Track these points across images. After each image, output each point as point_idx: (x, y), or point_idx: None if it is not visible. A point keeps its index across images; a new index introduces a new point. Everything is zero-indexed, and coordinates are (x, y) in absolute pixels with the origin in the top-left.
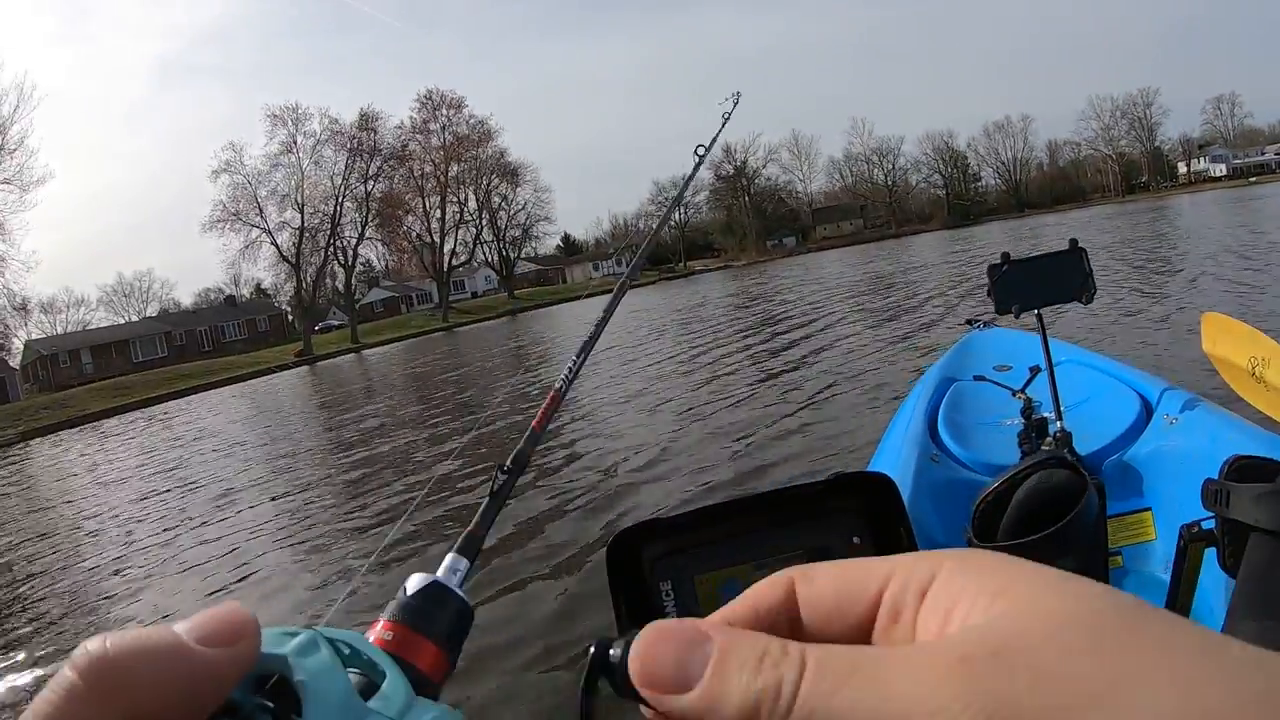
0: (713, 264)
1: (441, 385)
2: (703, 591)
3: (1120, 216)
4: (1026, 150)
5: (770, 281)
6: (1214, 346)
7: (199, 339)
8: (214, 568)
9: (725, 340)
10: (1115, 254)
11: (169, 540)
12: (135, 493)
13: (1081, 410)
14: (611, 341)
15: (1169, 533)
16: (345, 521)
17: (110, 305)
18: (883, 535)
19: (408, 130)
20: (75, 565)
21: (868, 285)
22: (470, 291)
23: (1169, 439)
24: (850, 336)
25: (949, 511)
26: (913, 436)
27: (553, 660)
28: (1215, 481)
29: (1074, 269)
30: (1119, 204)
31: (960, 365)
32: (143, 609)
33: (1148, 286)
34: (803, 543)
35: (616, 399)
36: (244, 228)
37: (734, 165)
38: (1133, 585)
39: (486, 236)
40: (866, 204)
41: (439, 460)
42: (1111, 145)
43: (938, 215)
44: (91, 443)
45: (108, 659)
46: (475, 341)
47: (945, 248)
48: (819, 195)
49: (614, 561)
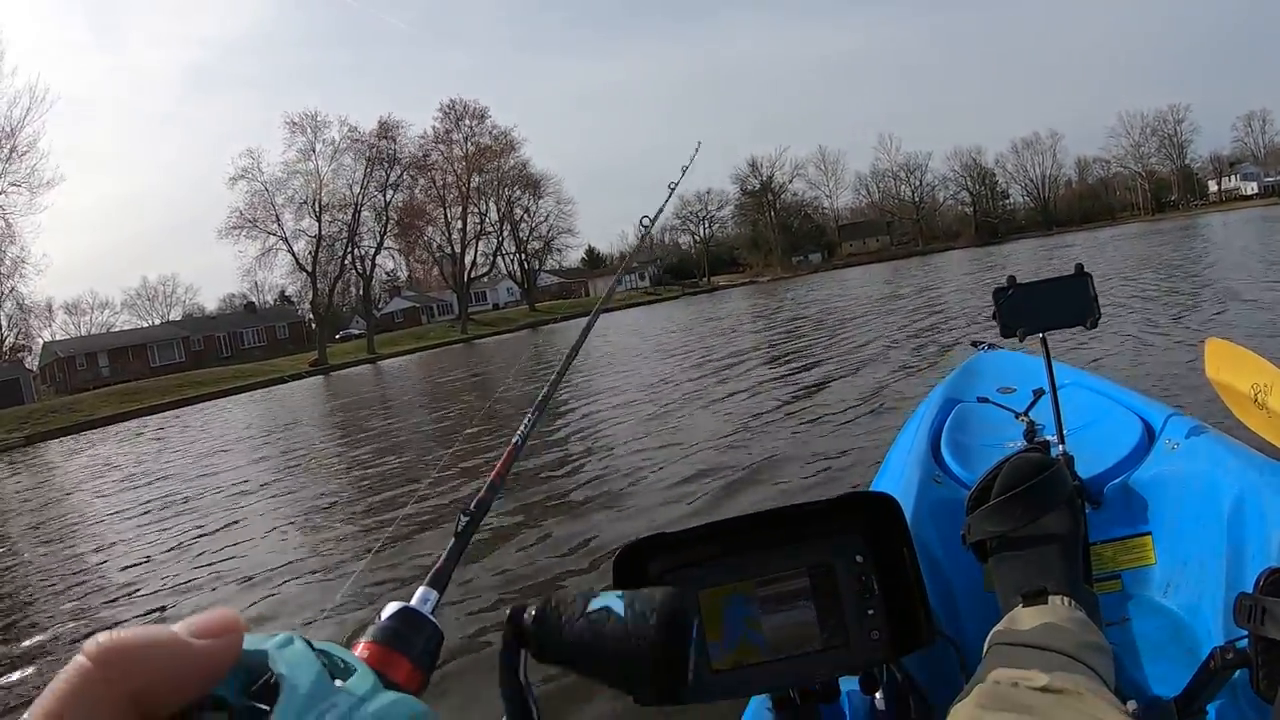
0: (737, 279)
1: (444, 400)
2: (707, 607)
3: (1151, 235)
4: (1055, 167)
5: (795, 297)
6: (1217, 372)
7: (218, 345)
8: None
9: (739, 357)
10: (1148, 272)
11: (141, 561)
12: (111, 507)
13: (1084, 433)
14: (610, 349)
15: (1169, 557)
16: (311, 558)
17: (134, 308)
18: (885, 554)
19: (430, 140)
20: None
21: (894, 304)
22: (492, 303)
23: (1171, 464)
24: (877, 358)
25: (950, 532)
26: (916, 457)
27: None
28: (1249, 596)
29: (1079, 293)
30: (1149, 222)
31: (964, 387)
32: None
33: (1171, 310)
34: (806, 560)
35: (618, 404)
36: (260, 234)
37: (760, 180)
38: (1132, 609)
39: (508, 248)
40: (893, 220)
41: (415, 490)
42: (1141, 163)
43: (965, 233)
44: (83, 450)
45: (116, 646)
46: (487, 355)
47: (975, 266)
48: (845, 211)
49: (621, 574)
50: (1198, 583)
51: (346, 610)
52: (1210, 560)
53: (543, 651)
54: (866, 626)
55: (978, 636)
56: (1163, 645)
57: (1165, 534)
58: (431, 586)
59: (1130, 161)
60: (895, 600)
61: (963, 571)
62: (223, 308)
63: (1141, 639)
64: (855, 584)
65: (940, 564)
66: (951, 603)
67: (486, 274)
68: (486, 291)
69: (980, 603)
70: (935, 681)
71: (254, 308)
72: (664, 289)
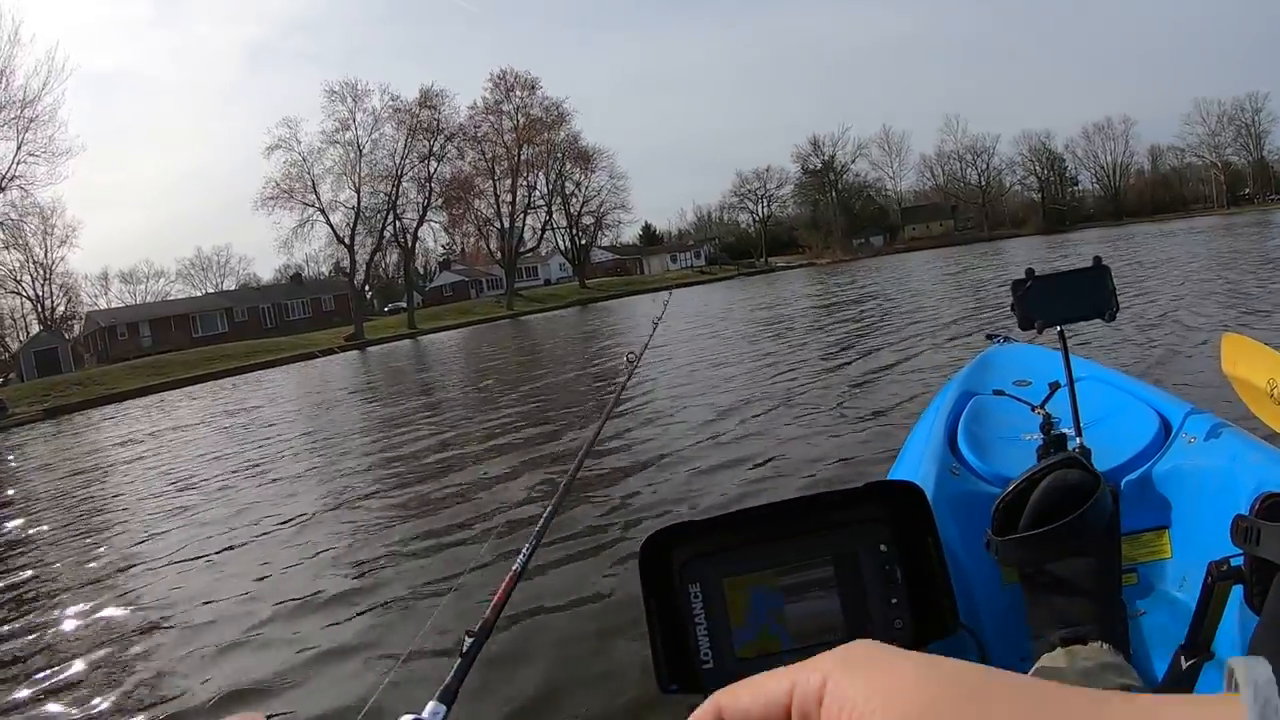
0: (795, 260)
1: (474, 387)
2: (731, 596)
3: (1229, 230)
4: (1127, 154)
5: (874, 287)
6: (1233, 368)
7: (261, 316)
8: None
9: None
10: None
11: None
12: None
13: (1101, 427)
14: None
15: (1185, 551)
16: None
17: (188, 278)
18: (909, 543)
19: (480, 110)
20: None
21: (968, 295)
22: (544, 279)
23: (1189, 458)
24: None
25: (968, 523)
26: (933, 448)
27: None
28: (1245, 518)
29: (1098, 286)
30: (1223, 215)
31: (980, 379)
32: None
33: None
34: (830, 549)
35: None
36: (297, 206)
37: (822, 159)
38: (1149, 603)
39: (559, 222)
40: (958, 205)
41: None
42: (1216, 152)
43: (1031, 220)
44: (92, 426)
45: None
46: (532, 333)
47: (1052, 254)
48: (909, 194)
49: (647, 563)
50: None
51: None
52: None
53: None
54: (890, 616)
55: (995, 627)
56: (1178, 638)
57: (1182, 528)
58: (441, 700)
59: (1205, 151)
60: (919, 590)
61: (980, 563)
62: (277, 278)
63: (1157, 632)
64: (879, 573)
65: (957, 555)
66: (969, 594)
67: (534, 248)
68: (538, 267)
69: (997, 594)
70: None
71: (300, 279)
72: (719, 268)
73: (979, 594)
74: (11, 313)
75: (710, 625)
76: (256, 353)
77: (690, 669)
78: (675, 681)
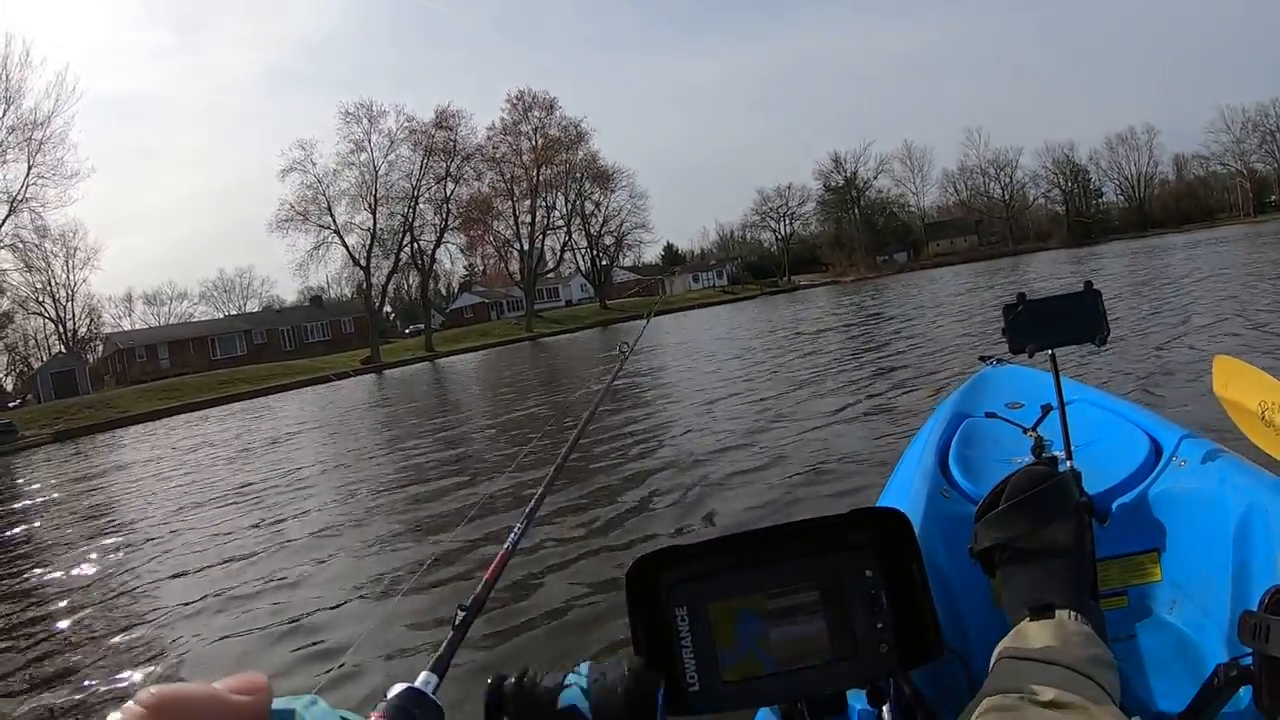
0: (818, 278)
1: (486, 414)
2: (717, 619)
3: (1257, 239)
4: (1151, 165)
5: (911, 309)
6: (1225, 389)
7: (280, 338)
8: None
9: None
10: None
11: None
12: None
13: (1093, 450)
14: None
15: (1175, 574)
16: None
17: (211, 300)
18: (894, 569)
19: (497, 131)
20: None
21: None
22: (565, 300)
23: (1179, 481)
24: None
25: (957, 546)
26: (924, 471)
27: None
28: (1254, 614)
29: (1089, 311)
30: (1251, 224)
31: (972, 401)
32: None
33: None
34: (816, 574)
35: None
36: (313, 228)
37: (844, 175)
38: (1138, 626)
39: (578, 242)
40: (982, 219)
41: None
42: (1242, 160)
43: (1056, 233)
44: (93, 452)
45: (168, 696)
46: (550, 355)
47: (1083, 269)
48: (932, 209)
49: (633, 587)
50: (1203, 600)
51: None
52: (1216, 578)
53: (520, 718)
54: (875, 640)
55: (984, 651)
56: (1168, 662)
57: (1172, 551)
58: (433, 671)
59: (1230, 159)
60: (904, 614)
61: (969, 586)
62: (300, 300)
63: (1147, 655)
64: (865, 598)
65: (947, 578)
66: (958, 617)
67: (553, 269)
68: (559, 288)
69: (987, 617)
70: (942, 695)
71: (320, 302)
72: (742, 288)
73: (968, 618)
74: (35, 334)
75: (696, 648)
76: (270, 376)
77: (676, 690)
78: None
